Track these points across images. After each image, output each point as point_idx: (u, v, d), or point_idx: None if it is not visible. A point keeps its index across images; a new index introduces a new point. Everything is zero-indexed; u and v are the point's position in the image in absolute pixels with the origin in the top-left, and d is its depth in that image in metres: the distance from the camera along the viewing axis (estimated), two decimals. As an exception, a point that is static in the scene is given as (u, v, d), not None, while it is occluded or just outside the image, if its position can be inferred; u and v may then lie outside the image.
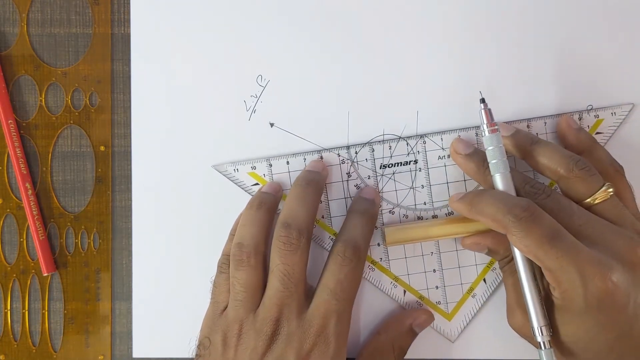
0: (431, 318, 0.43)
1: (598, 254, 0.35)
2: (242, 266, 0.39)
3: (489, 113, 0.39)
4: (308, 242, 0.39)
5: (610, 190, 0.38)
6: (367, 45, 0.44)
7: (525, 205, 0.36)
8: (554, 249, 0.35)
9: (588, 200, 0.38)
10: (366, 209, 0.42)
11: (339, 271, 0.39)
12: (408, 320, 0.43)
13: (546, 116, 0.43)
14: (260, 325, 0.38)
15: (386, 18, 0.44)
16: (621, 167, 0.41)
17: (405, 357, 0.43)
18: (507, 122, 0.43)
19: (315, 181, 0.41)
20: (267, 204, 0.41)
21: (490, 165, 0.39)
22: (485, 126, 0.39)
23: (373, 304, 0.44)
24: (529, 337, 0.39)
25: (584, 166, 0.38)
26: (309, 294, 0.40)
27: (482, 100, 0.40)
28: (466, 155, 0.41)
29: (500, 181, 0.39)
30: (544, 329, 0.37)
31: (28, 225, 0.44)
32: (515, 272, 0.39)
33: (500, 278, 0.43)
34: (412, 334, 0.43)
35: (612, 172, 0.40)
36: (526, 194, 0.38)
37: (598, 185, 0.38)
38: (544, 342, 0.37)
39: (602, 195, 0.38)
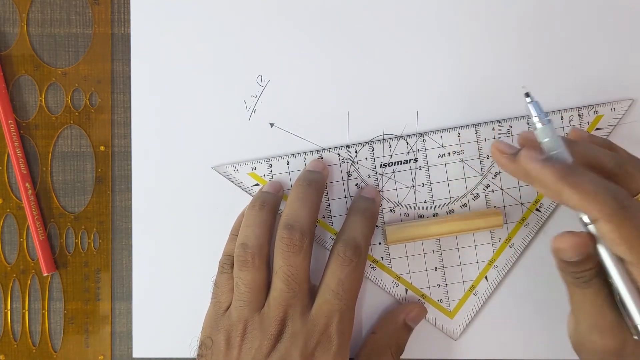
0: (424, 311, 0.43)
1: None
2: (247, 267, 0.39)
3: (538, 105, 0.36)
4: (311, 242, 0.39)
5: None
6: (367, 45, 0.44)
7: (626, 193, 0.34)
8: None
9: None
10: (367, 208, 0.42)
11: (340, 271, 0.39)
12: (401, 316, 0.43)
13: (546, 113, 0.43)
14: (266, 326, 0.38)
15: (386, 18, 0.44)
16: None
17: (408, 356, 0.43)
18: (506, 120, 0.43)
19: (316, 181, 0.41)
20: (270, 204, 0.41)
21: (549, 152, 0.36)
22: (535, 119, 0.36)
23: (375, 303, 0.44)
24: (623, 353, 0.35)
25: (631, 163, 0.37)
26: (312, 293, 0.40)
27: (527, 94, 0.37)
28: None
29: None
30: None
31: (28, 225, 0.44)
32: (603, 286, 0.35)
33: (502, 276, 0.43)
34: (408, 329, 0.43)
35: None
36: None
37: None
38: None
39: None
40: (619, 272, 0.34)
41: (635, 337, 0.34)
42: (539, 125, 0.36)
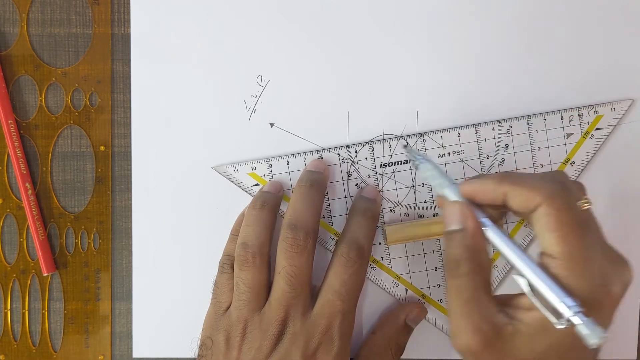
0: (424, 311, 0.43)
1: (608, 264, 0.33)
2: (247, 266, 0.39)
3: (414, 151, 0.42)
4: (314, 243, 0.39)
5: (587, 204, 0.35)
6: (367, 45, 0.44)
7: (571, 183, 0.35)
8: (583, 239, 0.32)
9: None
10: (368, 208, 0.42)
11: (344, 272, 0.39)
12: (401, 316, 0.43)
13: (546, 112, 0.43)
14: (266, 326, 0.38)
15: (386, 18, 0.44)
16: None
17: (408, 356, 0.43)
18: (506, 120, 0.43)
19: (318, 182, 0.41)
20: (270, 204, 0.41)
21: (436, 187, 0.38)
22: (414, 161, 0.41)
23: (375, 302, 0.44)
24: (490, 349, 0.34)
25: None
26: (313, 293, 0.40)
27: (405, 146, 0.43)
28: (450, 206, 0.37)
29: (452, 193, 0.37)
30: (570, 299, 0.32)
31: (28, 225, 0.44)
32: (474, 283, 0.34)
33: (501, 277, 0.43)
34: (408, 329, 0.43)
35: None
36: None
37: (579, 195, 0.36)
38: (579, 313, 0.31)
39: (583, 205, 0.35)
40: (527, 261, 0.34)
41: (560, 327, 0.32)
42: (418, 165, 0.40)
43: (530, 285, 0.33)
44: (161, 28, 0.44)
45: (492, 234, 0.35)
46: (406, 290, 0.44)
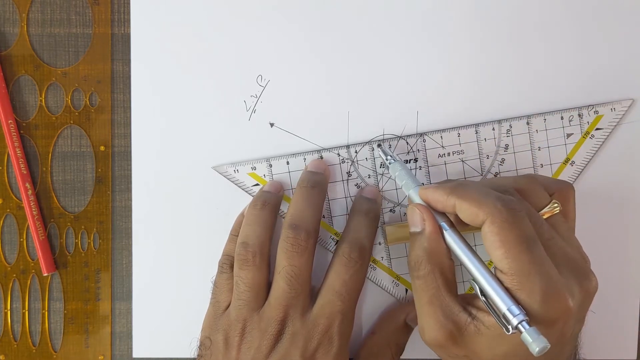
0: None
1: (561, 276, 0.33)
2: (247, 265, 0.39)
3: (387, 150, 0.43)
4: (315, 243, 0.39)
5: (557, 205, 0.37)
6: (367, 45, 0.44)
7: (515, 200, 0.35)
8: (529, 254, 0.33)
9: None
10: (369, 208, 0.42)
11: (345, 272, 0.39)
12: (402, 316, 0.43)
13: (546, 112, 0.43)
14: (265, 325, 0.38)
15: (386, 18, 0.44)
16: (568, 185, 0.39)
17: (408, 356, 0.43)
18: (506, 120, 0.43)
19: (319, 183, 0.41)
20: (271, 204, 0.41)
21: (403, 186, 0.39)
22: (386, 161, 0.42)
23: (375, 303, 0.44)
24: (454, 356, 0.36)
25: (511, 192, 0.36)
26: (312, 293, 0.40)
27: (379, 145, 0.43)
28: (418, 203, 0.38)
29: (416, 195, 0.38)
30: (516, 307, 0.32)
31: (28, 225, 0.44)
32: (434, 283, 0.35)
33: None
34: (408, 329, 0.43)
35: (557, 191, 0.38)
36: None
37: (546, 200, 0.37)
38: (523, 322, 0.32)
39: (549, 211, 0.37)
40: (478, 264, 0.35)
41: (508, 333, 0.33)
42: (389, 164, 0.41)
43: (482, 292, 0.34)
44: (161, 28, 0.44)
45: (449, 238, 0.36)
46: (406, 290, 0.44)
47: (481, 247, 0.43)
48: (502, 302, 0.33)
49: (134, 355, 0.45)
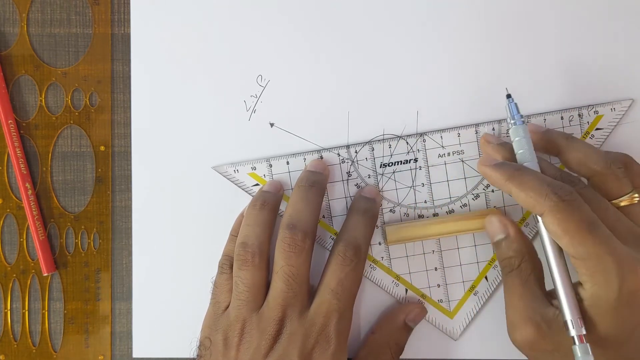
0: (424, 311, 0.43)
1: (632, 250, 0.35)
2: (246, 266, 0.39)
3: (515, 107, 0.39)
4: (312, 243, 0.39)
5: (637, 196, 0.38)
6: (367, 45, 0.44)
7: (569, 189, 0.36)
8: (593, 236, 0.34)
9: (614, 201, 0.38)
10: (367, 208, 0.42)
11: (341, 271, 0.39)
12: (401, 316, 0.43)
13: (546, 112, 0.43)
14: (264, 325, 0.38)
15: (386, 18, 0.44)
16: None
17: (408, 356, 0.43)
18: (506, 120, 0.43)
19: (318, 182, 0.41)
20: (270, 204, 0.41)
21: (517, 155, 0.39)
22: (510, 119, 0.39)
23: (375, 302, 0.44)
24: (542, 350, 0.37)
25: (620, 165, 0.38)
26: (310, 293, 0.40)
27: (509, 96, 0.40)
28: (498, 145, 0.41)
29: (530, 167, 0.38)
30: (579, 320, 0.35)
31: (28, 225, 0.44)
32: (524, 279, 0.38)
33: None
34: (407, 329, 0.43)
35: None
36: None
37: (628, 189, 0.38)
38: (578, 336, 0.34)
39: (627, 199, 0.38)
40: (558, 267, 0.36)
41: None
42: (512, 125, 0.39)
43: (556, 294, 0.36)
44: (161, 28, 0.44)
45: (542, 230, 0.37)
46: (406, 290, 0.44)
47: (481, 247, 0.43)
48: (568, 310, 0.35)
49: (134, 355, 0.45)
